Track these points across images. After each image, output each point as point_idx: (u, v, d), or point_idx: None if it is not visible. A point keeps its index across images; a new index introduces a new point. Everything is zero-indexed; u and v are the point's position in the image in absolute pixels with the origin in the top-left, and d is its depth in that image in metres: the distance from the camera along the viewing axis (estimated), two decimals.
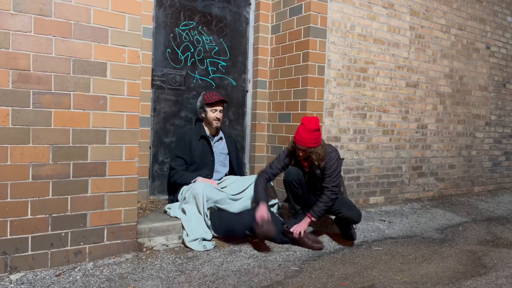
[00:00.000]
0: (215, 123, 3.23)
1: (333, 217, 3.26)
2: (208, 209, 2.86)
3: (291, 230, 2.82)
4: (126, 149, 2.51)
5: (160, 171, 3.52)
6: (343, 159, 3.26)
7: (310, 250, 2.81)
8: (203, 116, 3.27)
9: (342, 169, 3.24)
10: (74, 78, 2.32)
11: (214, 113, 3.21)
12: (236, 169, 3.40)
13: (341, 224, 3.09)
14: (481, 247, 3.07)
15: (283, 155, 3.02)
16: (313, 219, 2.84)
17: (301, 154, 2.88)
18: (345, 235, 3.08)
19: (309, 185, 3.04)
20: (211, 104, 3.20)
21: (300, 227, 2.84)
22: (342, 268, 2.51)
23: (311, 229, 3.24)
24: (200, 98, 3.27)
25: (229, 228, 2.82)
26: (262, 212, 2.76)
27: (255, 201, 2.89)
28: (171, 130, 3.56)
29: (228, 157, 3.38)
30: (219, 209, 2.92)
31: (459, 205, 4.51)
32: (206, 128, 3.29)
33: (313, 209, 2.86)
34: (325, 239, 3.06)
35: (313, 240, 2.86)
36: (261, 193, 2.88)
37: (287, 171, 3.06)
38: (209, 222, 2.86)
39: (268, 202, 2.96)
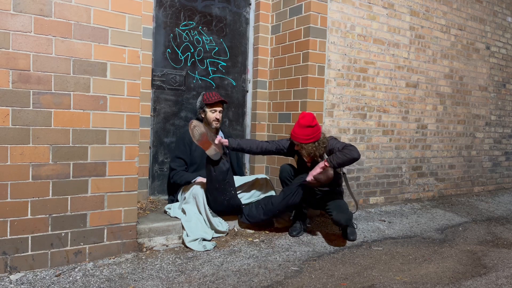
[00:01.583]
0: (215, 124, 3.22)
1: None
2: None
3: (307, 179, 2.79)
4: (126, 149, 2.51)
5: (160, 171, 3.52)
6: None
7: (310, 250, 2.81)
8: (203, 116, 3.26)
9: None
10: (74, 78, 2.32)
11: (213, 114, 3.21)
12: (236, 169, 3.41)
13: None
14: (481, 247, 3.08)
15: (286, 140, 3.05)
16: (327, 164, 2.72)
17: (296, 148, 2.92)
18: (345, 235, 3.08)
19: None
20: (211, 105, 3.20)
21: (313, 171, 2.76)
22: (342, 268, 2.51)
23: (310, 225, 3.24)
24: (199, 98, 3.27)
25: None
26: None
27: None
28: (171, 130, 3.56)
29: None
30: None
31: (459, 205, 4.51)
32: None
33: (332, 156, 2.76)
34: (325, 239, 3.06)
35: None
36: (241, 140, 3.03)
37: (281, 168, 3.07)
38: (214, 220, 2.86)
39: (236, 145, 2.98)
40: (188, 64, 3.63)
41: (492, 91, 5.34)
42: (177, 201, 3.14)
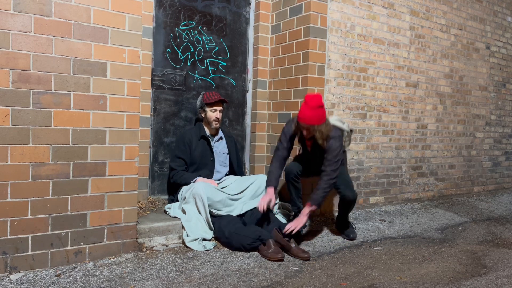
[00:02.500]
0: (215, 124, 3.22)
1: (336, 212, 3.26)
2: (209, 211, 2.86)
3: (286, 227, 2.68)
4: (126, 149, 2.51)
5: (160, 171, 3.52)
6: (351, 130, 3.21)
7: (310, 250, 2.81)
8: (203, 116, 3.27)
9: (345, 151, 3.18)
10: (74, 78, 2.32)
11: (213, 113, 3.21)
12: (236, 168, 3.40)
13: (341, 221, 3.11)
14: (481, 247, 3.08)
15: (285, 138, 2.94)
16: (313, 208, 2.71)
17: (305, 133, 2.80)
18: (345, 235, 3.08)
19: (312, 167, 2.99)
20: (211, 104, 3.20)
21: (297, 223, 2.69)
22: (342, 268, 2.51)
23: (307, 228, 3.24)
24: (199, 98, 3.27)
25: (229, 241, 2.75)
26: (268, 197, 2.79)
27: (266, 183, 2.92)
28: (171, 130, 3.56)
29: (228, 156, 3.38)
30: (217, 215, 2.89)
31: (459, 205, 4.51)
32: (206, 128, 3.29)
33: (311, 197, 2.74)
34: (325, 239, 3.06)
35: (300, 250, 2.68)
36: (273, 176, 2.90)
37: (287, 168, 3.03)
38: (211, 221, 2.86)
39: (277, 185, 2.90)
40: (188, 64, 3.63)
41: (492, 90, 5.34)
42: (177, 201, 3.14)
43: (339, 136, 2.83)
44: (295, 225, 2.69)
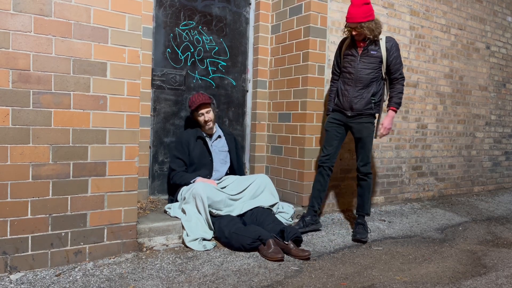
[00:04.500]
0: (207, 126, 3.24)
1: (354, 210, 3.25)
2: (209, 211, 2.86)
3: (379, 132, 3.04)
4: (126, 149, 2.51)
5: (160, 171, 3.52)
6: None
7: (310, 249, 2.80)
8: (195, 120, 3.29)
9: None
10: (74, 78, 2.32)
11: (201, 117, 3.22)
12: (236, 167, 3.41)
13: (358, 203, 3.18)
14: (481, 247, 3.08)
15: (334, 61, 3.21)
16: (395, 110, 3.00)
17: (354, 33, 2.90)
18: (355, 232, 3.05)
19: (358, 77, 3.01)
20: (196, 109, 3.21)
21: (386, 123, 3.00)
22: (342, 268, 2.51)
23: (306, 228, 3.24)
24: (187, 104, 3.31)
25: (229, 241, 2.74)
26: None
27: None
28: (171, 130, 3.56)
29: (228, 154, 3.39)
30: (217, 215, 2.89)
31: (459, 205, 4.51)
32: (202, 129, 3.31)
33: (391, 101, 3.01)
34: (325, 239, 3.06)
35: (300, 249, 2.67)
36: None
37: (321, 159, 3.11)
38: (211, 221, 2.86)
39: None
40: (188, 64, 3.63)
41: (492, 90, 5.34)
42: (177, 201, 3.14)
43: (394, 39, 3.02)
44: (385, 131, 3.03)
